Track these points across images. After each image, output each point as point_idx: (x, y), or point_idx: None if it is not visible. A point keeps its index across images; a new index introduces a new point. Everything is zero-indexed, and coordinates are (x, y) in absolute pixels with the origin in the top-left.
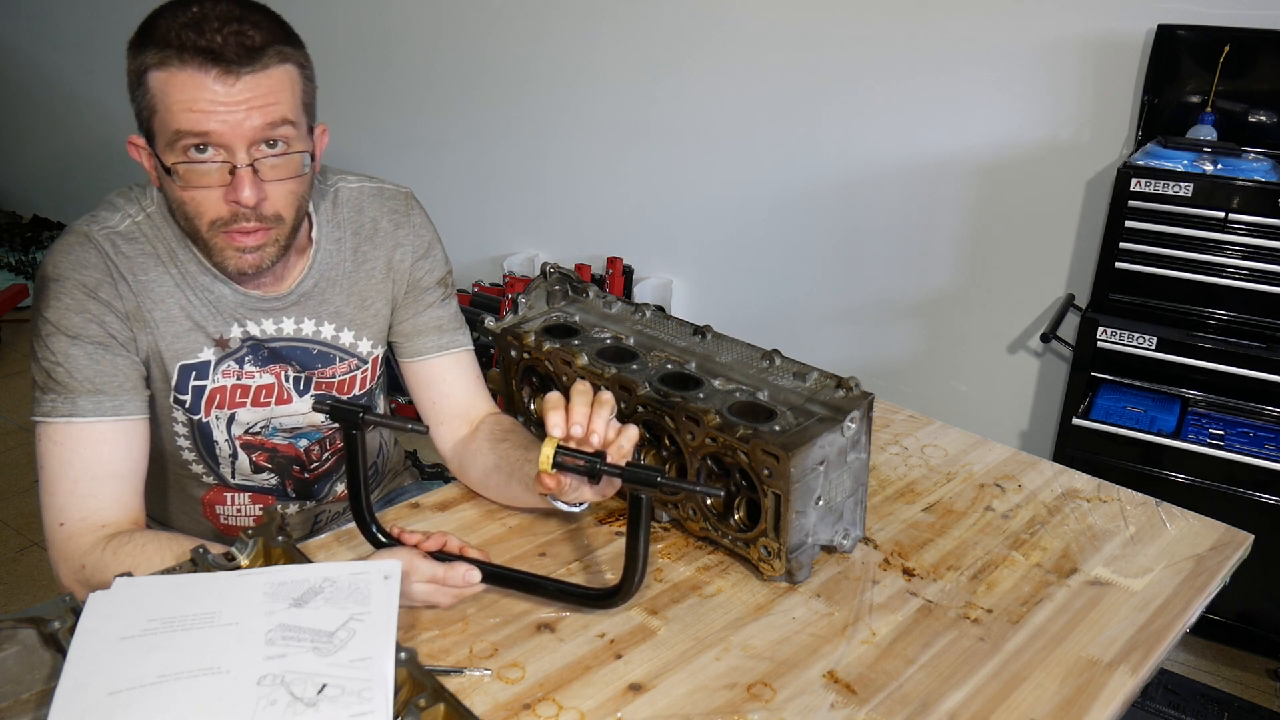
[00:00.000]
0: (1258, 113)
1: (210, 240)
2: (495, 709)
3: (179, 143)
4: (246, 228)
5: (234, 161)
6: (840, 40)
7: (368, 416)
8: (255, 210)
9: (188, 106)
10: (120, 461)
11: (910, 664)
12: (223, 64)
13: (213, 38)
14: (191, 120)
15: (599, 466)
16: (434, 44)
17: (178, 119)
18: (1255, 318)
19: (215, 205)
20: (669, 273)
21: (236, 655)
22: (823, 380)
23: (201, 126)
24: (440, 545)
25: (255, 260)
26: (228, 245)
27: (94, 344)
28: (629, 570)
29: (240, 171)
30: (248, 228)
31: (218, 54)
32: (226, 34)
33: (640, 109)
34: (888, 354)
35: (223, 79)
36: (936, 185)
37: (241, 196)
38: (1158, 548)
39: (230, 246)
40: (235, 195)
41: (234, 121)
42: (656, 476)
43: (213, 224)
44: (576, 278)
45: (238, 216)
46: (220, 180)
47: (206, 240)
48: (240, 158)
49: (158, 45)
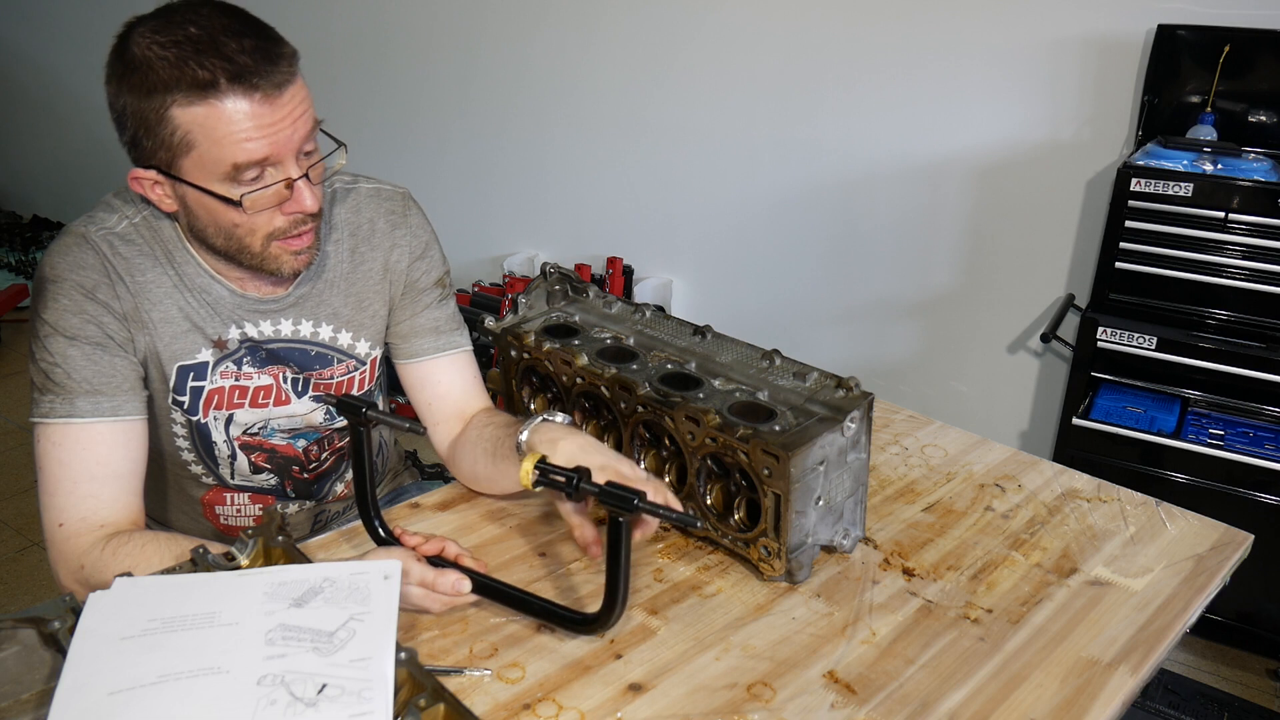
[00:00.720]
0: (1258, 113)
1: (264, 252)
2: (495, 709)
3: (240, 175)
4: (303, 230)
5: (288, 175)
6: (840, 40)
7: (371, 413)
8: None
9: (242, 138)
10: (119, 462)
11: (910, 664)
12: (262, 86)
13: (238, 58)
14: (248, 151)
15: (578, 484)
16: (434, 44)
17: (231, 153)
18: (1255, 318)
19: (272, 220)
20: (669, 273)
21: (236, 655)
22: (823, 380)
23: (260, 154)
24: (438, 550)
25: (309, 258)
26: (283, 251)
27: (92, 345)
28: (610, 597)
29: (299, 184)
30: (304, 230)
31: (252, 75)
32: (255, 54)
33: (640, 108)
34: (888, 354)
35: (267, 101)
36: (936, 185)
37: (306, 207)
38: (1158, 548)
39: (286, 252)
40: (299, 207)
41: (284, 138)
42: (634, 499)
43: (267, 237)
44: (576, 278)
45: (296, 224)
46: (280, 197)
47: (259, 253)
48: (293, 170)
49: (180, 83)
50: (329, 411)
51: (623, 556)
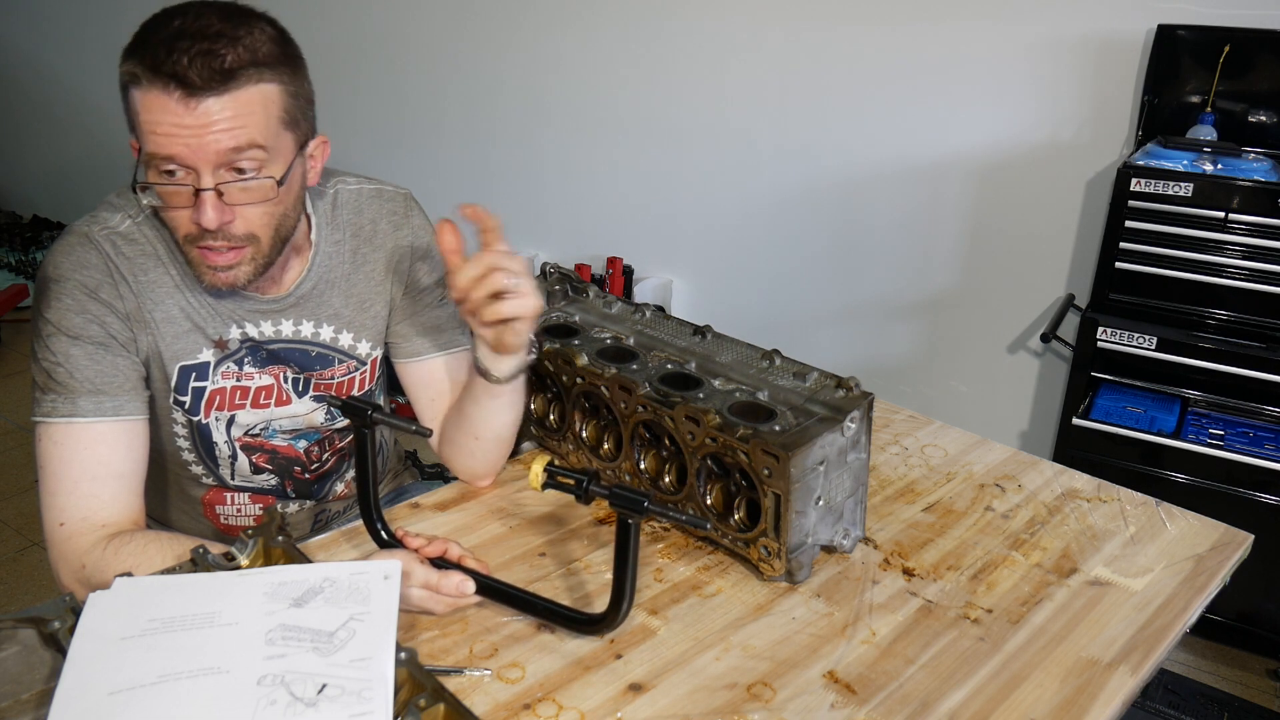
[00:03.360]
0: (1258, 113)
1: (187, 253)
2: (495, 709)
3: (151, 163)
4: (216, 247)
5: (201, 184)
6: (840, 40)
7: (377, 415)
8: (221, 231)
9: (153, 129)
10: (120, 461)
11: (910, 664)
12: (185, 87)
13: (179, 59)
14: (156, 142)
15: (588, 487)
16: (434, 44)
17: (146, 140)
18: (1255, 318)
19: (186, 222)
20: (669, 273)
21: (236, 655)
22: (823, 380)
23: (166, 150)
24: (441, 552)
25: (228, 279)
26: (201, 261)
27: (94, 344)
28: (616, 597)
29: (202, 195)
30: (217, 247)
31: (181, 77)
32: (194, 54)
33: (641, 109)
34: (888, 354)
35: (184, 102)
36: (936, 185)
37: (203, 219)
38: (1158, 548)
39: (203, 263)
40: (197, 218)
41: (195, 145)
42: (644, 502)
43: (186, 238)
44: (576, 278)
45: (205, 235)
46: (187, 201)
47: (185, 253)
48: (205, 180)
49: (137, 60)
50: (330, 412)
51: (630, 557)
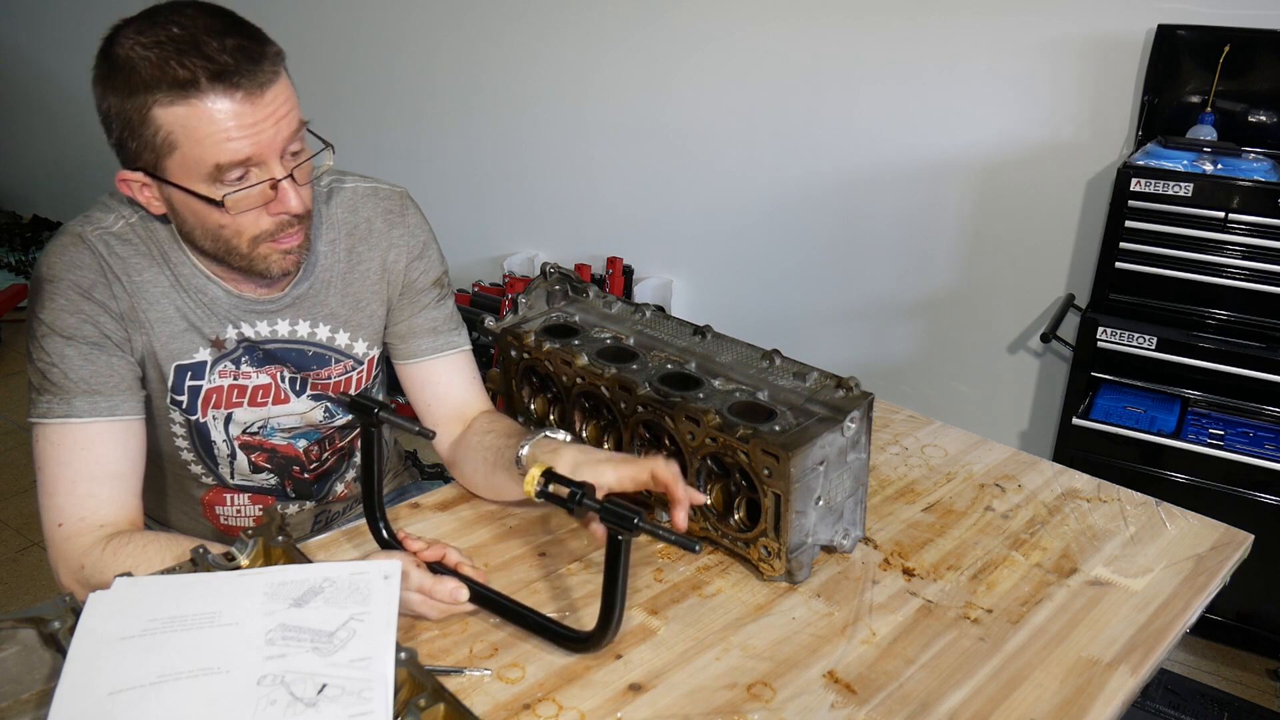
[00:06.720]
0: (1258, 113)
1: (252, 253)
2: (495, 709)
3: (223, 175)
4: (290, 232)
5: (273, 175)
6: (840, 40)
7: (383, 413)
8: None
9: (223, 138)
10: (117, 461)
11: (910, 664)
12: (244, 85)
13: (220, 58)
14: (230, 150)
15: (580, 500)
16: (434, 44)
17: (213, 153)
18: (1255, 318)
19: (258, 221)
20: (669, 273)
21: (236, 655)
22: (823, 380)
23: (242, 154)
24: (439, 557)
25: (299, 257)
26: (272, 252)
27: (89, 344)
28: (605, 615)
29: (283, 184)
30: (291, 232)
31: (234, 74)
32: (230, 48)
33: (641, 109)
34: (888, 354)
35: (249, 100)
36: (936, 185)
37: (290, 207)
38: (1158, 548)
39: (275, 252)
40: (283, 208)
41: (268, 138)
42: (634, 519)
43: (255, 239)
44: (576, 278)
45: (282, 226)
46: (265, 198)
47: (246, 254)
48: (277, 170)
49: (161, 83)
50: (329, 410)
51: (620, 575)
